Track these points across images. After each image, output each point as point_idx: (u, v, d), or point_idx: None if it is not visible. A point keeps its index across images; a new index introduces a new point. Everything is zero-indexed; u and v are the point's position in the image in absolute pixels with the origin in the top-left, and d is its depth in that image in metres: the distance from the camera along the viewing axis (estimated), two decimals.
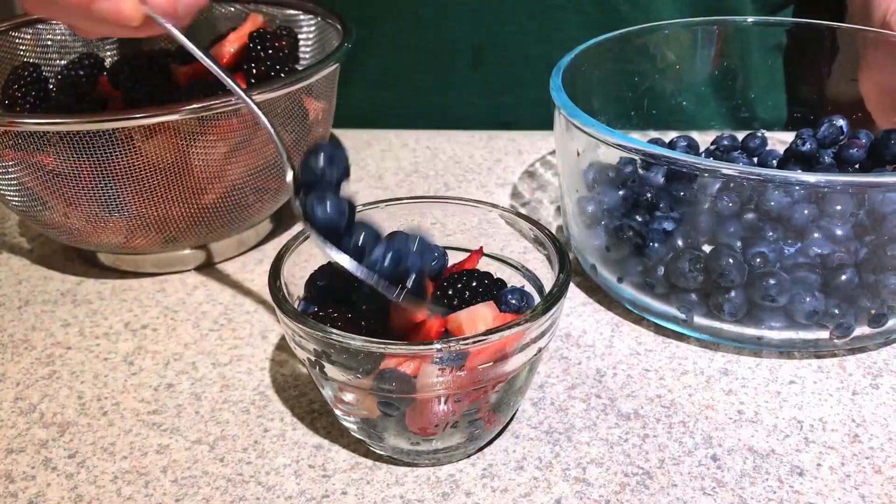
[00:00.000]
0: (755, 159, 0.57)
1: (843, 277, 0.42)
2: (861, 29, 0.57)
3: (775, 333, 0.44)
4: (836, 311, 0.43)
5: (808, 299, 0.42)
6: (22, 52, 0.60)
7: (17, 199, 0.49)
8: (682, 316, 0.45)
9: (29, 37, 0.60)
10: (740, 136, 0.59)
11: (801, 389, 0.42)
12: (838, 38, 0.58)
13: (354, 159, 0.68)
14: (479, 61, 0.74)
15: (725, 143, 0.58)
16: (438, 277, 0.41)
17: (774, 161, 0.56)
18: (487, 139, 0.71)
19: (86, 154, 0.45)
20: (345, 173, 0.36)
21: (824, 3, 0.70)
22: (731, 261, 0.42)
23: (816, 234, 0.44)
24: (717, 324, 0.44)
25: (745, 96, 0.63)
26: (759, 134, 0.58)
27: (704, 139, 0.59)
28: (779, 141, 0.61)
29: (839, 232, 0.44)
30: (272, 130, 0.38)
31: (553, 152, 0.68)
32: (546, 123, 0.72)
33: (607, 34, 0.56)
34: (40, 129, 0.45)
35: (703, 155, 0.58)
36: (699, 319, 0.45)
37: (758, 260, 0.43)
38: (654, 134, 0.58)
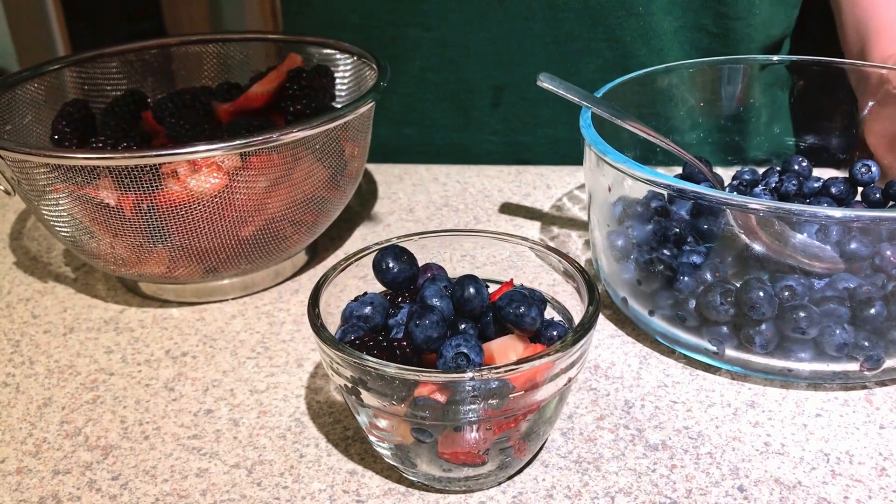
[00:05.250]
0: (793, 185, 0.56)
1: (872, 311, 0.43)
2: (871, 65, 0.58)
3: (805, 365, 0.44)
4: (866, 344, 0.43)
5: (837, 332, 0.43)
6: (70, 90, 0.62)
7: (65, 230, 0.51)
8: (714, 348, 0.46)
9: (76, 75, 0.63)
10: (761, 170, 0.60)
11: (828, 422, 0.43)
12: (857, 77, 0.59)
13: (386, 192, 0.70)
14: (498, 101, 0.76)
15: (747, 177, 0.59)
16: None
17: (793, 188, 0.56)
18: (516, 174, 0.72)
19: (132, 187, 0.47)
20: None
21: (818, 39, 0.71)
22: (761, 294, 0.43)
23: (843, 268, 0.45)
24: (747, 356, 0.45)
25: (769, 133, 0.63)
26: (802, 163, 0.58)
27: (727, 174, 0.60)
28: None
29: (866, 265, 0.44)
30: None
31: (580, 187, 0.69)
32: (563, 161, 0.74)
33: (632, 73, 0.57)
34: (89, 164, 0.47)
35: (727, 190, 0.58)
36: (730, 352, 0.45)
37: (786, 293, 0.43)
38: (678, 170, 0.59)
